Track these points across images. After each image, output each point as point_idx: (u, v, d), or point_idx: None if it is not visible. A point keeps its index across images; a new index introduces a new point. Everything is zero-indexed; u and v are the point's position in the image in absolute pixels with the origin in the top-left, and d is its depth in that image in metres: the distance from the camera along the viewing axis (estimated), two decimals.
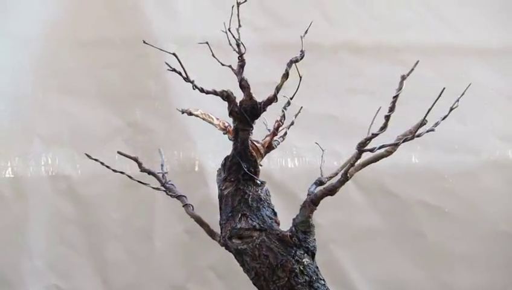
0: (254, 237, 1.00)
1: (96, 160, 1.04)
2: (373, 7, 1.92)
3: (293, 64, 0.95)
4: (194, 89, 0.93)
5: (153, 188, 1.09)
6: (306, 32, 0.98)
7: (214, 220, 1.72)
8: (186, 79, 0.93)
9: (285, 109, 1.05)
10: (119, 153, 1.06)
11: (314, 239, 0.99)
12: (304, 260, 0.97)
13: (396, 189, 1.84)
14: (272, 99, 0.95)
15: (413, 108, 1.83)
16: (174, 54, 0.91)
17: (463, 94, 0.87)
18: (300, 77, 0.93)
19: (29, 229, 1.70)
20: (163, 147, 1.75)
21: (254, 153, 1.02)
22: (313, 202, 0.95)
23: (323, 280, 0.97)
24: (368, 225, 1.83)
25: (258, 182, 1.02)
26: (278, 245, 0.98)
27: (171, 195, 1.13)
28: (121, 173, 1.06)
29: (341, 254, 1.80)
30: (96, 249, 1.73)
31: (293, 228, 0.98)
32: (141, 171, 1.08)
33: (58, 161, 1.75)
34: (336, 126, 1.83)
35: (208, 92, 0.94)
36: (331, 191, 0.93)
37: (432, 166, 1.86)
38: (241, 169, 1.01)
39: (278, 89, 0.94)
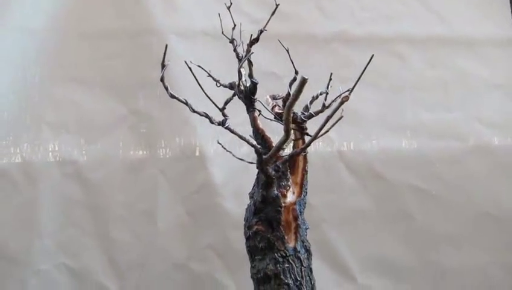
0: None
1: None
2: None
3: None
4: (218, 86, 1.13)
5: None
6: (264, 28, 1.11)
7: (213, 203, 1.79)
8: (206, 71, 1.10)
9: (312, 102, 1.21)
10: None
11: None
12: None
13: (386, 173, 1.89)
14: (254, 84, 1.10)
15: (405, 96, 1.92)
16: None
17: None
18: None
19: (38, 211, 1.74)
20: (165, 134, 1.83)
21: (261, 129, 1.13)
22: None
23: None
24: (358, 206, 1.88)
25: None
26: None
27: None
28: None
29: (333, 233, 1.85)
30: (103, 230, 1.78)
31: None
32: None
33: (65, 147, 1.79)
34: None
35: (224, 86, 1.15)
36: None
37: (420, 151, 1.92)
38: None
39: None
